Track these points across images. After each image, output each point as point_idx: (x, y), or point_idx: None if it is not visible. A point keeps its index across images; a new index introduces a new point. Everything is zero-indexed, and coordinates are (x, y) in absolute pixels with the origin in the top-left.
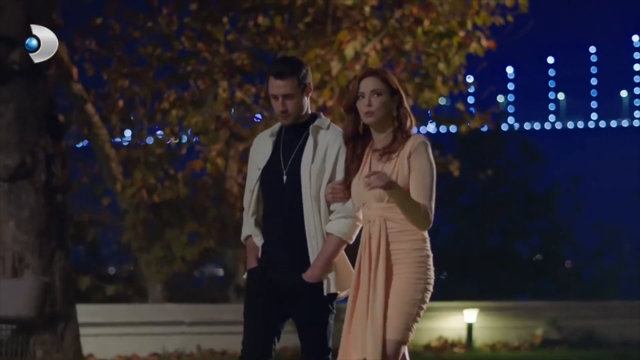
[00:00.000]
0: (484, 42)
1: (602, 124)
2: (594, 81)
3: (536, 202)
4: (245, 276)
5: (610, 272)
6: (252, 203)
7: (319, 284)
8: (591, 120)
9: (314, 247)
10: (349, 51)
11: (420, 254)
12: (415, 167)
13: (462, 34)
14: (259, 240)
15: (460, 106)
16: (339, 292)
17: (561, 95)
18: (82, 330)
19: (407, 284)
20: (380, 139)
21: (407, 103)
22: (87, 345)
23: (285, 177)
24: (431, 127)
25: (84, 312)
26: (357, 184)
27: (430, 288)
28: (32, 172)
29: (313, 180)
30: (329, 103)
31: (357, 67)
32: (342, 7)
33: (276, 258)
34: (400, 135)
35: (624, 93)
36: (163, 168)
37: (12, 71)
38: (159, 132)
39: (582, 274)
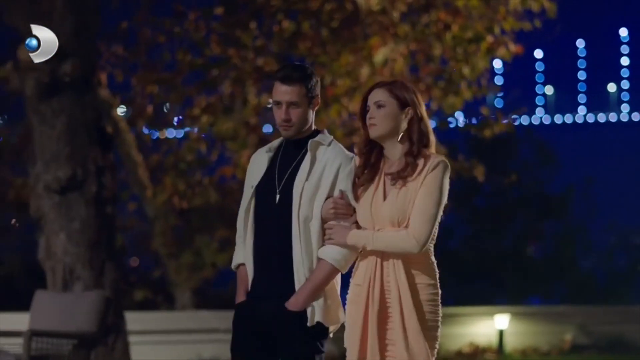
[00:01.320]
0: (512, 48)
1: (591, 118)
2: (582, 75)
3: (549, 204)
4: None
5: (623, 274)
6: (249, 226)
7: (304, 315)
8: (579, 114)
9: (301, 277)
10: (379, 57)
11: (434, 290)
12: (424, 183)
13: (490, 39)
14: (250, 271)
15: (484, 111)
16: (327, 325)
17: (549, 90)
18: None
19: (422, 327)
20: (393, 158)
21: (425, 119)
22: None
23: (278, 197)
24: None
25: None
26: (368, 204)
27: (440, 325)
28: (83, 184)
29: (305, 199)
30: (356, 109)
31: (386, 72)
32: (370, 12)
33: (261, 288)
34: (413, 158)
35: (612, 87)
36: (193, 174)
37: (63, 83)
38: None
39: (597, 276)
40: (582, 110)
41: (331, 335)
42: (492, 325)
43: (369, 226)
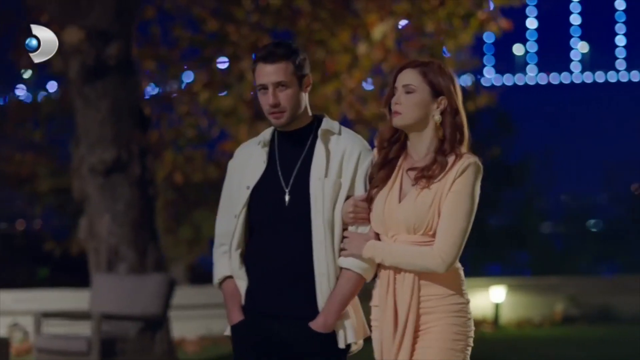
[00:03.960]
0: (502, 23)
1: (498, 80)
2: (489, 37)
3: (509, 172)
4: (227, 332)
5: (579, 240)
6: (237, 233)
7: (332, 336)
8: (486, 76)
9: (324, 289)
10: (377, 34)
11: (458, 300)
12: (454, 189)
13: (482, 15)
14: (242, 284)
15: (468, 84)
16: (357, 341)
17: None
18: None
19: (444, 343)
20: (417, 153)
21: (461, 111)
22: None
23: (287, 198)
24: None
25: None
26: (382, 204)
27: (471, 343)
28: (127, 165)
29: (327, 200)
30: (353, 85)
31: (380, 48)
32: None
33: (272, 306)
34: (443, 156)
35: (519, 49)
36: (193, 150)
37: (107, 65)
38: None
39: (555, 243)
40: (489, 72)
41: (354, 352)
42: (487, 297)
43: (381, 230)
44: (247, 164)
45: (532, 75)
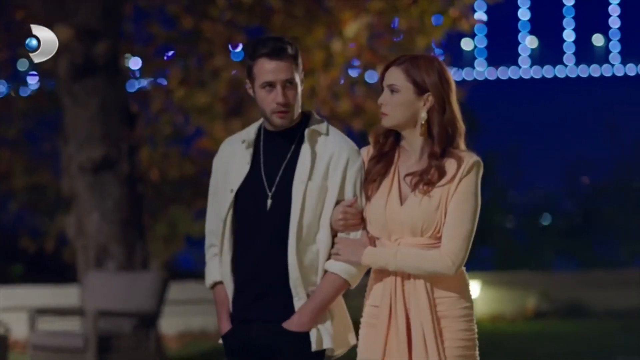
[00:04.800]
0: (473, 21)
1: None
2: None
3: None
4: (220, 341)
5: (544, 237)
6: (226, 237)
7: (306, 338)
8: None
9: (300, 295)
10: (351, 31)
11: (465, 303)
12: (459, 189)
13: (454, 12)
14: (232, 290)
15: None
16: (333, 349)
17: None
18: None
19: (457, 351)
20: (413, 149)
21: (452, 106)
22: None
23: (270, 202)
24: None
25: None
26: (382, 207)
27: (477, 343)
28: (116, 163)
29: (309, 203)
30: (327, 83)
31: (353, 46)
32: None
33: (251, 312)
34: (436, 159)
35: (468, 44)
36: (169, 146)
37: (96, 64)
38: None
39: (520, 239)
40: None
41: (336, 356)
42: None
43: (382, 234)
44: (231, 164)
45: (480, 70)
